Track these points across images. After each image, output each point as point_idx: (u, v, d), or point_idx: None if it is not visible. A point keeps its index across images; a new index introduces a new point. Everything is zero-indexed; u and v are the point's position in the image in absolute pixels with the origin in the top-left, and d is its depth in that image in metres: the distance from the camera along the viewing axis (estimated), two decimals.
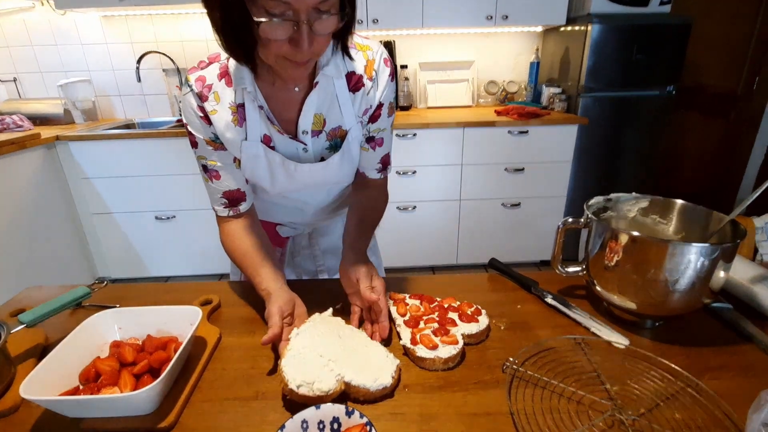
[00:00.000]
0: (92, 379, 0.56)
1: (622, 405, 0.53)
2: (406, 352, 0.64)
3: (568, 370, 0.60)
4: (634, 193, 0.78)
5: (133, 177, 2.24)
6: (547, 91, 2.53)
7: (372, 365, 0.57)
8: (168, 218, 2.33)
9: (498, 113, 2.40)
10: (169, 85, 2.71)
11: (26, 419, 0.54)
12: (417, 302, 0.73)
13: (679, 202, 0.74)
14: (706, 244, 0.58)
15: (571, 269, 0.75)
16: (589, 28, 2.19)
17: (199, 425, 0.52)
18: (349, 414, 0.47)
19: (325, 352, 0.58)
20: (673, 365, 0.59)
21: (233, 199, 0.78)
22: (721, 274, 0.61)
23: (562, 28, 2.47)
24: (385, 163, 0.85)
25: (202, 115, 0.70)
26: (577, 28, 2.31)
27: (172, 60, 2.59)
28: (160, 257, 2.44)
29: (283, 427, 0.45)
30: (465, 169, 2.31)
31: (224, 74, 0.69)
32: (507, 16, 2.34)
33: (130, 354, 0.58)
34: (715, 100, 2.95)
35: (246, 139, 0.72)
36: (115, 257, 2.43)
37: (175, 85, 2.69)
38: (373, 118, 0.78)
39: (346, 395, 0.56)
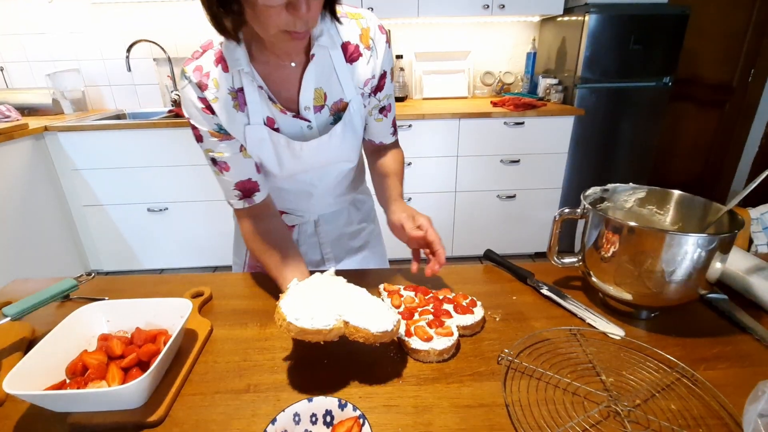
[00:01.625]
0: (79, 372, 0.54)
1: (617, 396, 0.53)
2: (401, 344, 0.63)
3: (563, 362, 0.59)
4: (631, 184, 0.77)
5: (124, 168, 2.21)
6: (544, 82, 2.51)
7: (373, 313, 0.58)
8: (160, 210, 2.30)
9: (494, 104, 2.38)
10: (160, 74, 2.67)
11: (11, 414, 0.52)
12: (411, 294, 0.72)
13: (677, 192, 0.73)
14: (704, 235, 0.57)
15: (567, 260, 0.74)
16: (587, 17, 2.17)
17: (189, 419, 0.51)
18: (342, 407, 0.46)
19: (325, 297, 0.59)
20: (668, 356, 0.59)
21: (246, 189, 0.77)
22: (718, 265, 0.61)
23: (559, 18, 2.44)
24: (395, 125, 0.88)
25: (203, 106, 0.69)
26: (574, 17, 2.29)
27: (162, 49, 2.54)
28: (153, 249, 2.42)
29: (274, 420, 0.44)
30: (460, 160, 2.30)
31: (220, 60, 0.68)
32: (504, 6, 2.31)
33: (119, 347, 0.57)
34: (710, 91, 2.95)
35: (249, 123, 0.71)
36: (107, 250, 2.40)
37: (167, 75, 2.64)
38: (380, 87, 0.78)
39: (345, 338, 0.56)
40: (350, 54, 0.72)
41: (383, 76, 0.77)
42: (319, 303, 0.58)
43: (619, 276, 0.65)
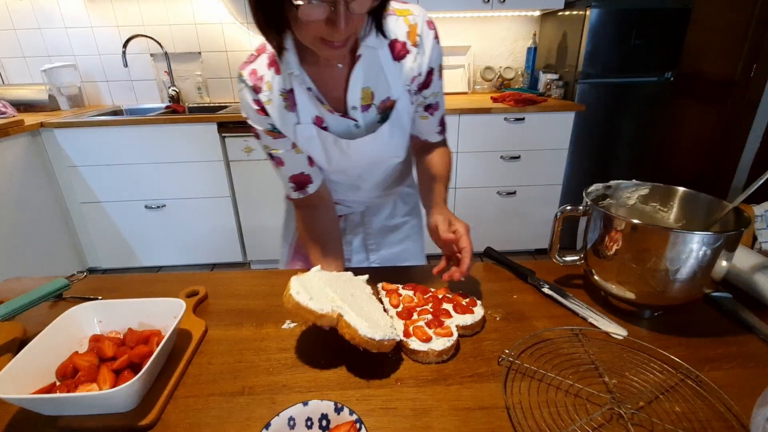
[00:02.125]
0: (70, 375, 0.53)
1: (620, 398, 0.52)
2: (399, 345, 0.61)
3: (565, 362, 0.58)
4: (634, 180, 0.76)
5: (121, 165, 2.19)
6: (544, 78, 2.49)
7: (370, 319, 0.57)
8: (158, 207, 2.28)
9: (494, 100, 2.36)
10: (157, 70, 2.64)
11: (0, 417, 0.51)
12: (410, 293, 0.71)
13: (681, 189, 0.72)
14: (710, 233, 0.56)
15: (568, 258, 0.73)
16: (588, 12, 2.15)
17: (182, 422, 0.50)
18: (338, 411, 0.45)
19: (335, 288, 0.61)
20: (672, 356, 0.58)
21: (299, 182, 0.81)
22: (723, 263, 0.59)
23: (560, 13, 2.42)
24: (443, 124, 0.86)
25: (258, 108, 0.72)
26: (575, 12, 2.27)
27: (159, 44, 2.52)
28: (151, 247, 2.40)
29: (268, 425, 0.43)
30: (460, 156, 2.28)
31: (272, 63, 0.71)
32: (504, 0, 2.29)
33: (110, 348, 0.56)
34: (712, 87, 2.93)
35: (299, 122, 0.73)
36: (105, 247, 2.38)
37: (164, 71, 2.62)
38: (426, 85, 0.77)
39: (343, 339, 0.56)
40: (398, 52, 0.72)
41: (430, 72, 0.75)
42: (325, 290, 0.60)
43: (622, 274, 0.64)
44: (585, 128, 2.34)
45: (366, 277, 0.71)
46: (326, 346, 0.62)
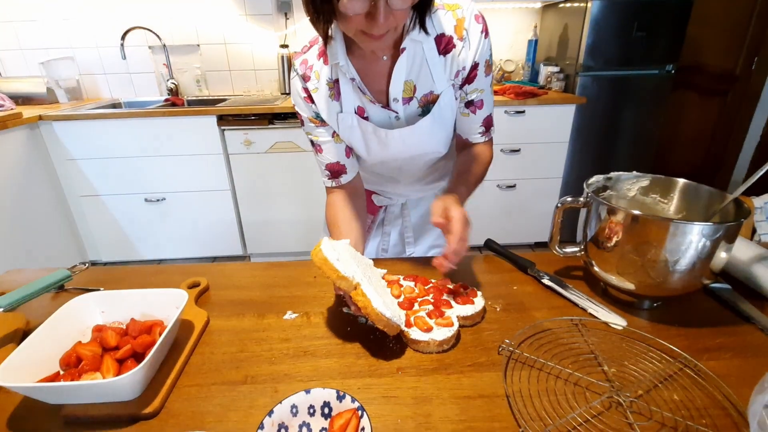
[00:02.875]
0: (73, 364, 0.54)
1: (619, 386, 0.52)
2: (400, 335, 0.62)
3: (565, 352, 0.58)
4: (634, 172, 0.76)
5: (120, 158, 2.18)
6: (545, 70, 2.47)
7: (385, 300, 0.59)
8: (158, 200, 2.28)
9: (494, 93, 2.34)
10: (155, 62, 2.63)
11: (5, 406, 0.52)
12: (411, 284, 0.71)
13: (681, 181, 0.72)
14: (709, 224, 0.56)
15: (568, 249, 0.73)
16: (589, 4, 2.13)
17: (185, 410, 0.51)
18: (340, 398, 0.45)
19: (358, 264, 0.62)
20: (671, 346, 0.58)
21: (334, 171, 0.83)
22: (723, 254, 0.60)
23: (561, 5, 2.40)
24: (488, 125, 0.85)
25: (305, 95, 0.77)
26: (576, 4, 2.25)
27: (158, 36, 2.50)
28: (151, 240, 2.40)
29: (271, 412, 0.44)
30: None
31: (322, 54, 0.74)
32: None
33: (113, 338, 0.56)
34: (713, 80, 2.92)
35: (341, 111, 0.76)
36: (105, 240, 2.39)
37: (162, 63, 2.60)
38: (469, 80, 0.76)
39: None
40: (444, 45, 0.72)
41: (474, 67, 0.74)
42: (350, 261, 0.61)
43: (622, 265, 0.64)
44: (585, 121, 2.33)
45: (384, 271, 0.72)
46: (328, 336, 0.63)
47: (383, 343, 0.61)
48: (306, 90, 0.76)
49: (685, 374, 0.55)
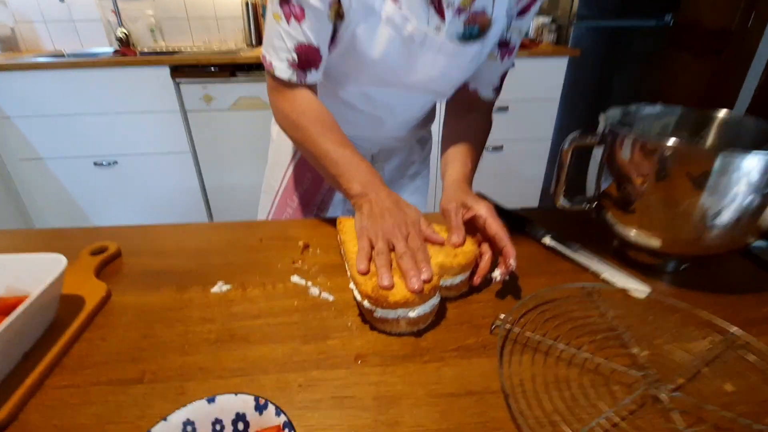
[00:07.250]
0: None
1: (654, 375, 0.39)
2: (362, 314, 0.47)
3: (577, 329, 0.44)
4: (659, 104, 0.61)
5: (65, 116, 1.92)
6: (536, 21, 2.28)
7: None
8: (109, 164, 2.04)
9: None
10: (103, 9, 2.31)
11: None
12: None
13: (722, 111, 0.57)
14: None
15: (577, 199, 0.59)
16: None
17: (45, 423, 0.35)
18: (259, 409, 0.30)
19: None
20: (710, 318, 0.45)
21: (305, 59, 0.58)
22: None
23: None
24: (503, 80, 0.73)
25: None
26: None
27: None
28: (104, 208, 2.17)
29: None
30: (443, 107, 2.09)
31: None
32: None
33: None
34: (708, 36, 2.77)
35: None
36: (52, 209, 2.15)
37: (110, 10, 2.29)
38: (524, 10, 0.63)
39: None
40: None
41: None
42: None
43: (647, 217, 0.50)
44: (577, 77, 2.17)
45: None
46: (266, 314, 0.47)
47: (339, 322, 0.46)
48: None
49: (735, 355, 0.41)
